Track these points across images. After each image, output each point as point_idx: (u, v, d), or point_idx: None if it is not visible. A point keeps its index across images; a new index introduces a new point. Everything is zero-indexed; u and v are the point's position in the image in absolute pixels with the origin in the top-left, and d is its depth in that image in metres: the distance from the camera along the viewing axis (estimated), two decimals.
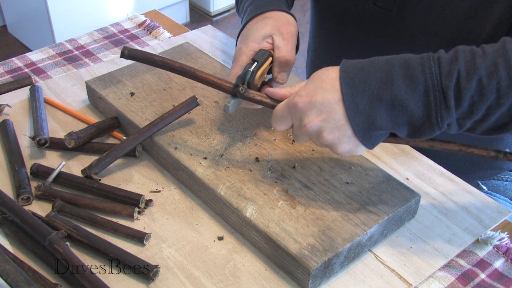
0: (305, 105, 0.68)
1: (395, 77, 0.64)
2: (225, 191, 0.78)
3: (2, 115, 0.98)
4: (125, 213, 0.79)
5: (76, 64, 1.13)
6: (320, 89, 0.68)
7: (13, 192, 0.83)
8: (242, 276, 0.72)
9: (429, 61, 0.64)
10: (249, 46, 0.82)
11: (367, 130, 0.67)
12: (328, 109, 0.67)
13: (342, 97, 0.66)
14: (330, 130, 0.68)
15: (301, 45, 2.87)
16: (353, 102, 0.66)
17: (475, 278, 0.74)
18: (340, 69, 0.67)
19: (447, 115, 0.64)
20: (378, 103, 0.65)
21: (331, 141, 0.69)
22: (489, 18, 0.83)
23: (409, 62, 0.65)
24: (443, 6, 0.86)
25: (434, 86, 0.63)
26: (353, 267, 0.74)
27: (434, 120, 0.64)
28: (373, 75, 0.65)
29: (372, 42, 0.97)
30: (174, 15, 2.92)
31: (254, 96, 0.76)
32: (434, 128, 0.65)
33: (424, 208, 0.82)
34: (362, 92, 0.65)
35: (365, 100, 0.65)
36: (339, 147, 0.70)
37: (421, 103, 0.64)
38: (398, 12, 0.91)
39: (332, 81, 0.67)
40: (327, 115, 0.67)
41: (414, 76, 0.64)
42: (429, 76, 0.63)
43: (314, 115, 0.68)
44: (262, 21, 0.84)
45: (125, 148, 0.86)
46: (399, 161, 0.90)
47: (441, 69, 0.64)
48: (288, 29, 0.84)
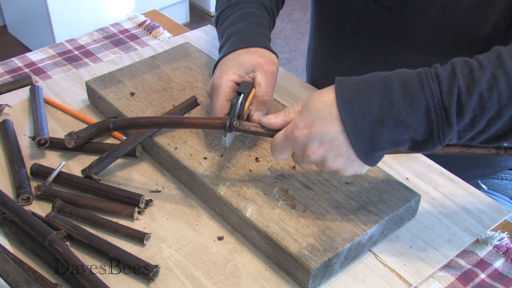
0: (306, 137, 0.67)
1: (394, 99, 0.63)
2: (225, 191, 0.78)
3: (2, 115, 0.98)
4: (125, 213, 0.79)
5: (76, 64, 1.13)
6: (318, 119, 0.66)
7: (13, 192, 0.83)
8: (242, 276, 0.72)
9: (427, 79, 0.63)
10: (230, 77, 0.81)
11: (370, 152, 0.66)
12: (329, 139, 0.66)
13: (343, 124, 0.65)
14: (334, 158, 0.68)
15: (301, 45, 2.88)
16: (355, 127, 0.65)
17: (475, 278, 0.74)
18: (335, 93, 0.66)
19: (449, 131, 0.64)
20: (379, 126, 0.64)
21: (336, 167, 0.69)
22: (489, 16, 0.83)
23: (407, 81, 0.64)
24: (443, 4, 0.86)
25: (435, 105, 0.63)
26: (353, 267, 0.74)
27: (436, 137, 0.64)
28: (371, 98, 0.64)
29: (372, 40, 0.97)
30: (174, 15, 2.93)
31: (249, 128, 0.74)
32: (436, 144, 0.65)
33: (424, 208, 0.82)
34: (362, 117, 0.64)
35: (366, 124, 0.64)
36: (345, 171, 0.70)
37: (423, 122, 0.63)
38: (399, 10, 0.91)
39: (329, 108, 0.66)
40: (329, 145, 0.67)
41: (414, 96, 0.63)
42: (429, 95, 0.63)
43: (316, 146, 0.67)
44: (246, 55, 0.83)
45: (125, 148, 0.86)
46: (399, 161, 0.90)
47: (441, 87, 0.63)
48: (271, 68, 0.83)
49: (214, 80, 0.82)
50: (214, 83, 0.82)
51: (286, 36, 2.95)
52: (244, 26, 0.89)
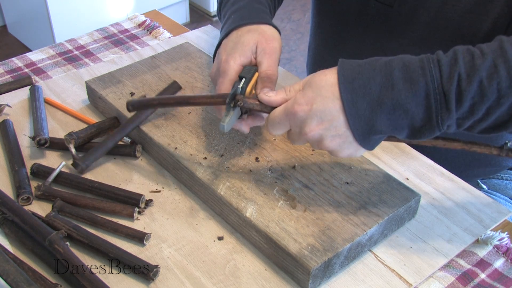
0: (306, 114, 0.68)
1: (395, 81, 0.64)
2: (225, 191, 0.78)
3: (2, 115, 0.98)
4: (125, 213, 0.79)
5: (76, 64, 1.13)
6: (319, 96, 0.67)
7: (13, 192, 0.83)
8: (242, 276, 0.72)
9: (428, 64, 0.64)
10: (238, 60, 0.79)
11: (367, 134, 0.67)
12: (329, 118, 0.67)
13: (342, 104, 0.66)
14: (332, 138, 0.68)
15: (301, 45, 2.88)
16: (353, 107, 0.65)
17: (475, 278, 0.74)
18: (338, 73, 0.67)
19: (448, 117, 0.64)
20: (378, 107, 0.65)
21: (332, 147, 0.69)
22: (488, 13, 0.83)
23: (408, 65, 0.64)
24: (444, 1, 0.86)
25: (435, 89, 0.63)
26: (353, 267, 0.74)
27: (434, 122, 0.65)
28: (372, 79, 0.65)
29: (373, 38, 0.97)
30: (174, 15, 2.93)
31: (254, 106, 0.73)
32: (434, 130, 0.65)
33: (424, 208, 0.82)
34: (362, 97, 0.65)
35: (365, 104, 0.65)
36: (339, 153, 0.70)
37: (421, 106, 0.64)
38: (399, 7, 0.91)
39: (331, 87, 0.66)
40: (328, 124, 0.67)
41: (414, 80, 0.64)
42: (429, 79, 0.63)
43: (315, 124, 0.67)
44: (248, 34, 0.82)
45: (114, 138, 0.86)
46: (399, 161, 0.90)
47: (441, 72, 0.63)
48: (272, 44, 0.82)
49: (221, 64, 0.80)
50: (221, 67, 0.80)
51: (286, 36, 2.95)
52: (244, 4, 0.88)
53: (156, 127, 0.88)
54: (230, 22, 0.86)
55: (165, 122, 0.90)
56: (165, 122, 0.89)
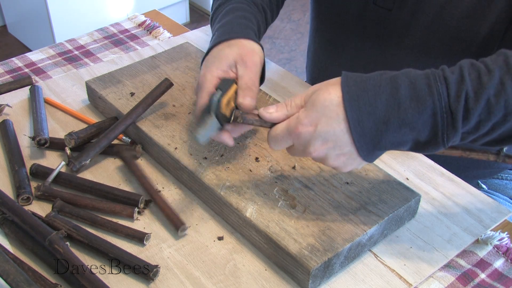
0: (310, 135, 0.67)
1: (401, 100, 0.63)
2: (225, 191, 0.78)
3: (2, 115, 0.98)
4: (125, 213, 0.79)
5: (76, 64, 1.13)
6: (323, 117, 0.66)
7: (13, 192, 0.83)
8: (242, 276, 0.72)
9: (435, 82, 0.63)
10: (214, 73, 0.79)
11: (372, 151, 0.67)
12: (333, 138, 0.66)
13: (348, 123, 0.65)
14: (336, 157, 0.68)
15: (302, 45, 2.88)
16: (359, 125, 0.65)
17: (475, 278, 0.74)
18: (342, 90, 0.66)
19: (454, 134, 0.64)
20: (384, 126, 0.64)
21: (336, 165, 0.69)
22: (486, 17, 0.83)
23: (415, 82, 0.64)
24: (442, 5, 0.86)
25: (442, 108, 0.63)
26: (353, 267, 0.74)
27: (440, 140, 0.64)
28: (378, 97, 0.64)
29: (372, 42, 0.97)
30: (174, 15, 2.93)
31: (253, 122, 0.73)
32: (439, 147, 0.65)
33: (424, 208, 0.82)
34: (367, 116, 0.64)
35: (370, 123, 0.64)
36: (344, 169, 0.70)
37: (428, 124, 0.64)
38: (398, 11, 0.91)
39: (336, 107, 0.66)
40: (332, 144, 0.67)
41: (421, 98, 0.63)
42: (437, 98, 0.63)
43: (319, 144, 0.67)
44: (227, 49, 0.82)
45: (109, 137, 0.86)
46: (399, 161, 0.90)
47: (449, 91, 0.63)
48: (252, 58, 0.81)
49: (199, 79, 0.81)
50: (199, 81, 0.81)
51: (286, 36, 2.95)
52: (228, 20, 0.87)
53: (156, 127, 0.88)
54: (214, 39, 0.86)
55: (165, 122, 0.90)
56: (165, 122, 0.89)
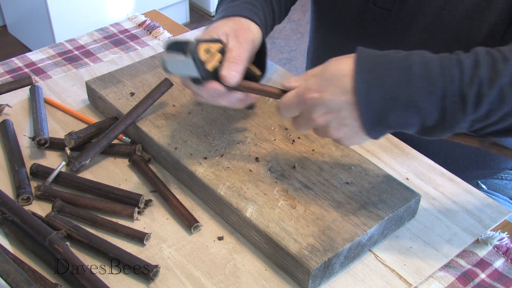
0: (315, 101, 0.67)
1: (412, 77, 0.63)
2: (225, 191, 0.78)
3: (2, 115, 0.98)
4: (125, 213, 0.79)
5: (76, 64, 1.13)
6: (331, 86, 0.66)
7: (13, 192, 0.83)
8: (242, 276, 0.72)
9: (449, 64, 0.63)
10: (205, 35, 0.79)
11: (376, 125, 0.66)
12: (337, 107, 0.66)
13: (355, 95, 0.64)
14: (338, 127, 0.68)
15: (302, 45, 2.88)
16: (366, 98, 0.64)
17: (475, 278, 0.74)
18: (355, 63, 0.65)
19: (462, 119, 0.63)
20: (391, 102, 0.63)
21: (337, 136, 0.69)
22: (486, 18, 0.83)
23: (428, 62, 0.63)
24: (441, 6, 0.86)
25: (453, 91, 0.62)
26: (353, 267, 0.74)
27: (447, 124, 0.63)
28: (389, 72, 0.63)
29: (371, 42, 0.97)
30: (174, 15, 2.93)
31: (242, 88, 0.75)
32: (446, 131, 0.64)
33: (424, 208, 0.82)
34: (376, 90, 0.64)
35: (378, 97, 0.64)
36: (346, 141, 0.70)
37: (436, 106, 0.63)
38: (397, 12, 0.91)
39: (344, 78, 0.65)
40: (336, 114, 0.67)
41: (432, 79, 0.62)
42: (449, 80, 0.62)
43: (323, 112, 0.67)
44: (222, 21, 0.81)
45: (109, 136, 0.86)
46: (399, 161, 0.90)
47: (463, 74, 0.62)
48: (246, 35, 0.79)
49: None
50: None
51: (286, 36, 2.95)
52: (232, 5, 0.87)
53: (156, 127, 0.88)
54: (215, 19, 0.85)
55: (165, 122, 0.90)
56: (165, 122, 0.89)
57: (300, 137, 0.87)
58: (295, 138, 0.87)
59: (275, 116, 0.91)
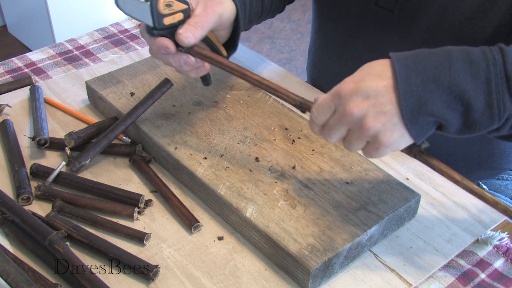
0: (351, 91, 0.64)
1: (453, 61, 0.61)
2: (225, 191, 0.78)
3: (2, 115, 0.98)
4: (125, 213, 0.79)
5: (76, 64, 1.13)
6: (368, 75, 0.64)
7: (13, 192, 0.83)
8: (242, 276, 0.72)
9: (490, 50, 0.62)
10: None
11: (417, 113, 0.62)
12: (375, 93, 0.63)
13: (394, 80, 0.62)
14: (376, 115, 0.63)
15: (301, 44, 2.88)
16: (406, 82, 0.62)
17: (475, 278, 0.74)
18: (391, 55, 0.64)
19: (510, 105, 0.61)
20: (433, 85, 0.61)
21: (374, 128, 0.64)
22: (489, 20, 0.83)
23: (467, 49, 0.62)
24: (444, 6, 0.86)
25: (497, 73, 0.60)
26: (353, 267, 0.74)
27: (495, 110, 0.61)
28: (428, 58, 0.62)
29: (373, 42, 0.97)
30: None
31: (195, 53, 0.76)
32: (494, 119, 0.62)
33: (424, 208, 0.82)
34: (416, 73, 0.62)
35: (419, 80, 0.61)
36: (382, 136, 0.64)
37: (481, 90, 0.61)
38: (399, 12, 0.91)
39: (382, 67, 0.64)
40: (374, 100, 0.63)
41: (474, 62, 0.61)
42: (491, 62, 0.60)
43: (360, 100, 0.64)
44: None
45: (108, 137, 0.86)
46: (399, 161, 0.90)
47: (505, 57, 0.61)
48: (215, 7, 0.79)
49: None
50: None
51: (286, 36, 2.95)
52: None
53: (156, 127, 0.88)
54: None
55: (165, 122, 0.90)
56: (165, 122, 0.89)
57: (300, 137, 0.87)
58: (295, 138, 0.87)
59: (275, 116, 0.91)
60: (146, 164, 0.86)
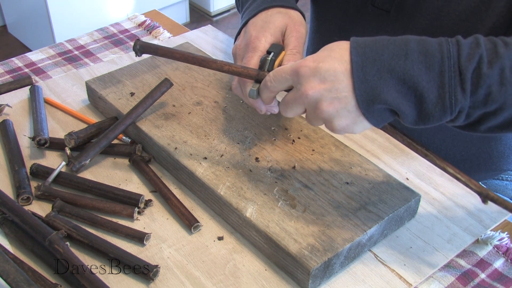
0: (310, 71, 0.65)
1: (409, 51, 0.62)
2: (225, 191, 0.78)
3: (2, 115, 0.98)
4: (125, 213, 0.79)
5: (76, 64, 1.13)
6: (328, 57, 0.65)
7: (13, 192, 0.83)
8: (242, 276, 0.72)
9: (447, 42, 0.63)
10: (268, 38, 0.80)
11: (371, 102, 0.64)
12: (332, 78, 0.64)
13: (351, 66, 0.64)
14: (331, 101, 0.65)
15: None
16: (361, 70, 0.63)
17: (475, 278, 0.74)
18: (351, 40, 0.66)
19: (462, 99, 0.62)
20: (387, 75, 0.62)
21: (328, 113, 0.66)
22: (484, 22, 0.83)
23: (425, 40, 0.63)
24: (440, 8, 0.86)
25: (450, 66, 0.61)
26: (353, 267, 0.74)
27: (447, 102, 0.62)
28: (386, 47, 0.63)
29: None
30: (174, 15, 2.93)
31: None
32: (446, 112, 0.63)
33: (424, 208, 0.82)
34: (372, 62, 0.63)
35: (374, 70, 0.63)
36: (335, 121, 0.67)
37: (434, 82, 0.62)
38: (396, 13, 0.91)
39: (342, 51, 0.65)
40: (330, 84, 0.65)
41: (430, 54, 0.62)
42: (446, 55, 0.61)
43: (316, 82, 0.65)
44: (277, 15, 0.83)
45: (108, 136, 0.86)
46: (399, 161, 0.90)
47: (460, 51, 0.62)
48: (300, 29, 0.83)
49: (250, 40, 0.80)
50: (251, 43, 0.80)
51: None
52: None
53: (156, 127, 0.88)
54: (258, 4, 0.86)
55: (165, 122, 0.90)
56: (165, 122, 0.89)
57: (300, 137, 0.87)
58: (295, 138, 0.87)
59: (275, 116, 0.91)
60: (146, 164, 0.86)
